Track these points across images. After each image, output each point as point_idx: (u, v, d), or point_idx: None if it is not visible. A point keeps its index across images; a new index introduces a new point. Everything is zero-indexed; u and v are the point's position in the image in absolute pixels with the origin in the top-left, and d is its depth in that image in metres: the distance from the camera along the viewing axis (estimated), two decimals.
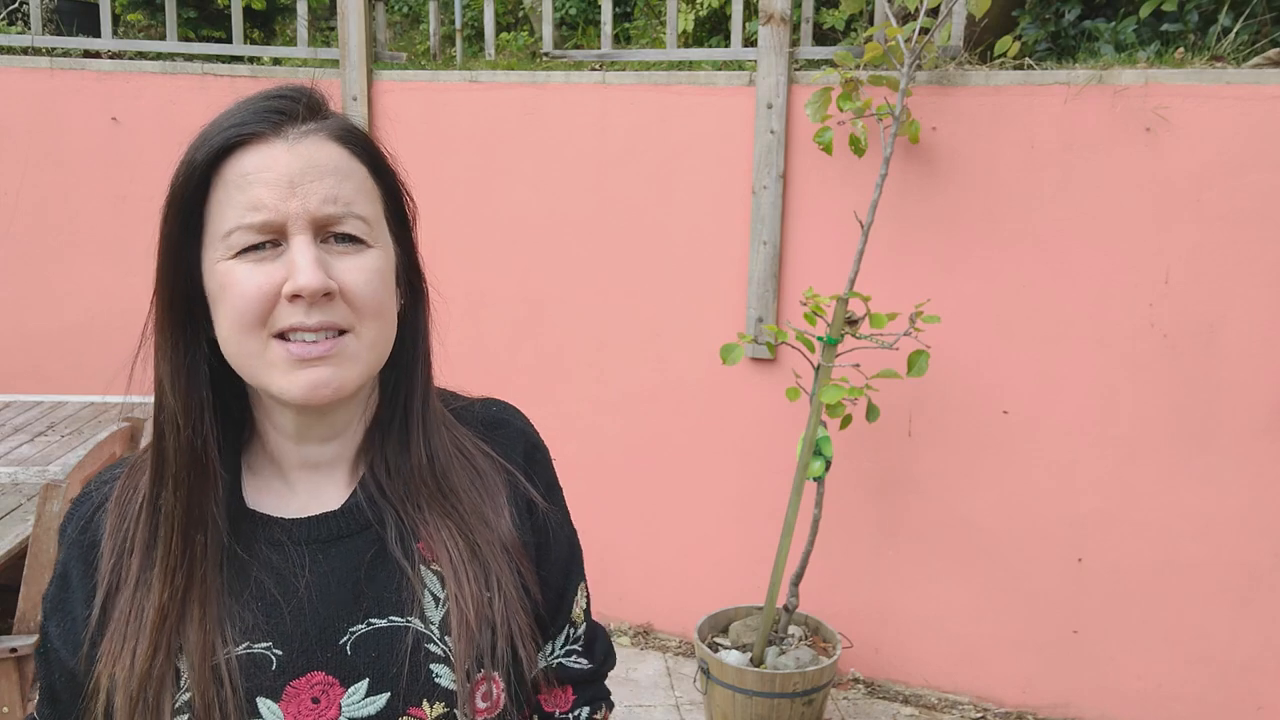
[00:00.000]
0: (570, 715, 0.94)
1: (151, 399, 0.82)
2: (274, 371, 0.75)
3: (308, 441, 0.83)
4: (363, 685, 0.78)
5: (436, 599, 0.82)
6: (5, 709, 2.11)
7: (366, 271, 0.76)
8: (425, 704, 0.79)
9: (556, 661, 0.93)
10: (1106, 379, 2.75)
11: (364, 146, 0.79)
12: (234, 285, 0.74)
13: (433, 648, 0.80)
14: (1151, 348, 2.70)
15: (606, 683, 1.00)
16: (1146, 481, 2.75)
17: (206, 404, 0.79)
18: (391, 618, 0.80)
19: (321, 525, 0.82)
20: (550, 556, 0.91)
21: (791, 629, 2.92)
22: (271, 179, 0.73)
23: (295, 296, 0.73)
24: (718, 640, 2.94)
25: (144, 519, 0.79)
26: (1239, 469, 2.66)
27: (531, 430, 0.95)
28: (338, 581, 0.80)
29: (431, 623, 0.81)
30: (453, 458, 0.86)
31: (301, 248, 0.73)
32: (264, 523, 0.82)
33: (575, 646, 0.95)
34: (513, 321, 3.37)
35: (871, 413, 2.75)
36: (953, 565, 2.98)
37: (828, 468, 2.76)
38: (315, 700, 0.77)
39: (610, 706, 0.99)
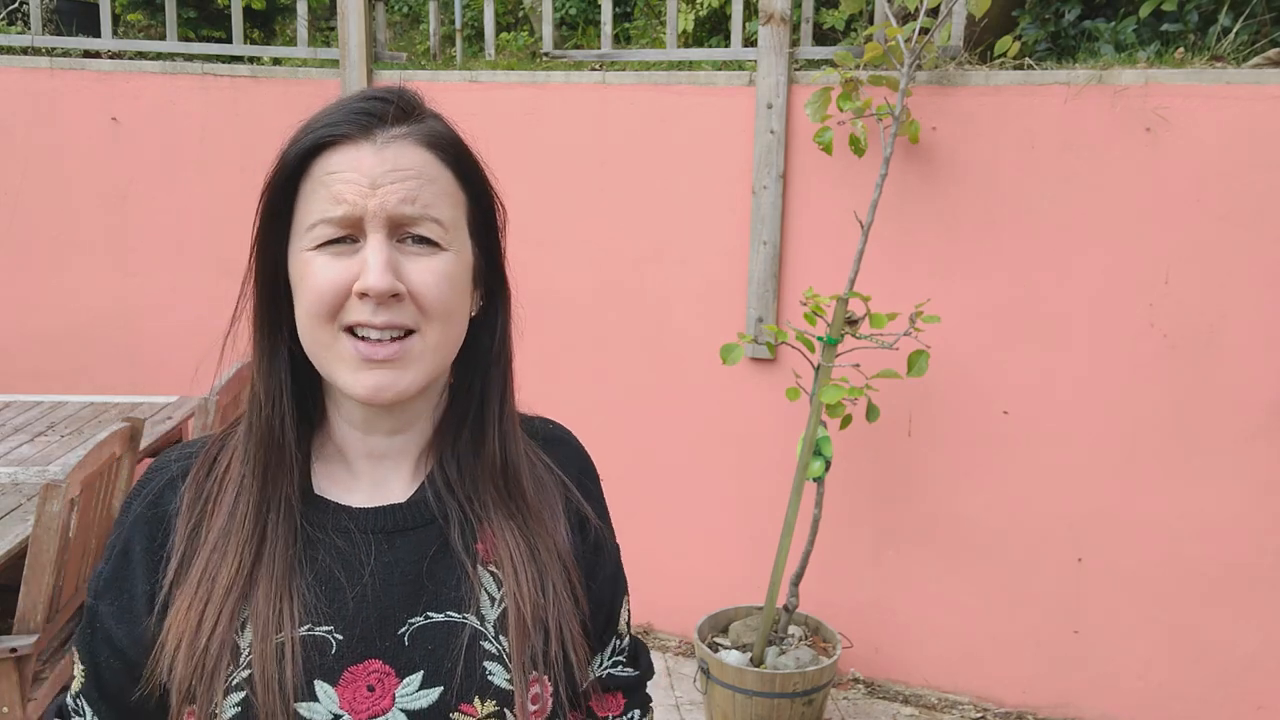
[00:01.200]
0: (625, 718, 0.98)
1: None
2: (342, 366, 0.78)
3: (374, 433, 0.85)
4: (417, 678, 0.79)
5: (493, 598, 0.83)
6: (5, 709, 2.11)
7: (436, 274, 0.78)
8: (477, 701, 0.80)
9: (606, 672, 0.97)
10: (1106, 379, 2.75)
11: (451, 152, 0.81)
12: (311, 276, 0.77)
13: (488, 645, 0.81)
14: (1151, 348, 2.70)
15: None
16: (1146, 481, 2.75)
17: (285, 387, 0.82)
18: (449, 613, 0.82)
19: (388, 516, 0.84)
20: (601, 573, 0.94)
21: (791, 629, 2.92)
22: (355, 177, 0.76)
23: (364, 295, 0.75)
24: (718, 640, 2.94)
25: (229, 486, 0.82)
26: (1239, 469, 2.66)
27: (585, 452, 0.99)
28: (400, 573, 0.82)
29: (487, 621, 0.82)
30: (521, 455, 0.89)
31: (375, 246, 0.76)
32: (332, 509, 0.83)
33: (621, 657, 0.98)
34: (512, 321, 3.37)
35: (871, 413, 2.75)
36: (953, 565, 2.98)
37: (828, 468, 2.76)
38: (370, 688, 0.78)
39: (651, 711, 1.04)
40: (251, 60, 3.83)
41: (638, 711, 1.00)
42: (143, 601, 0.80)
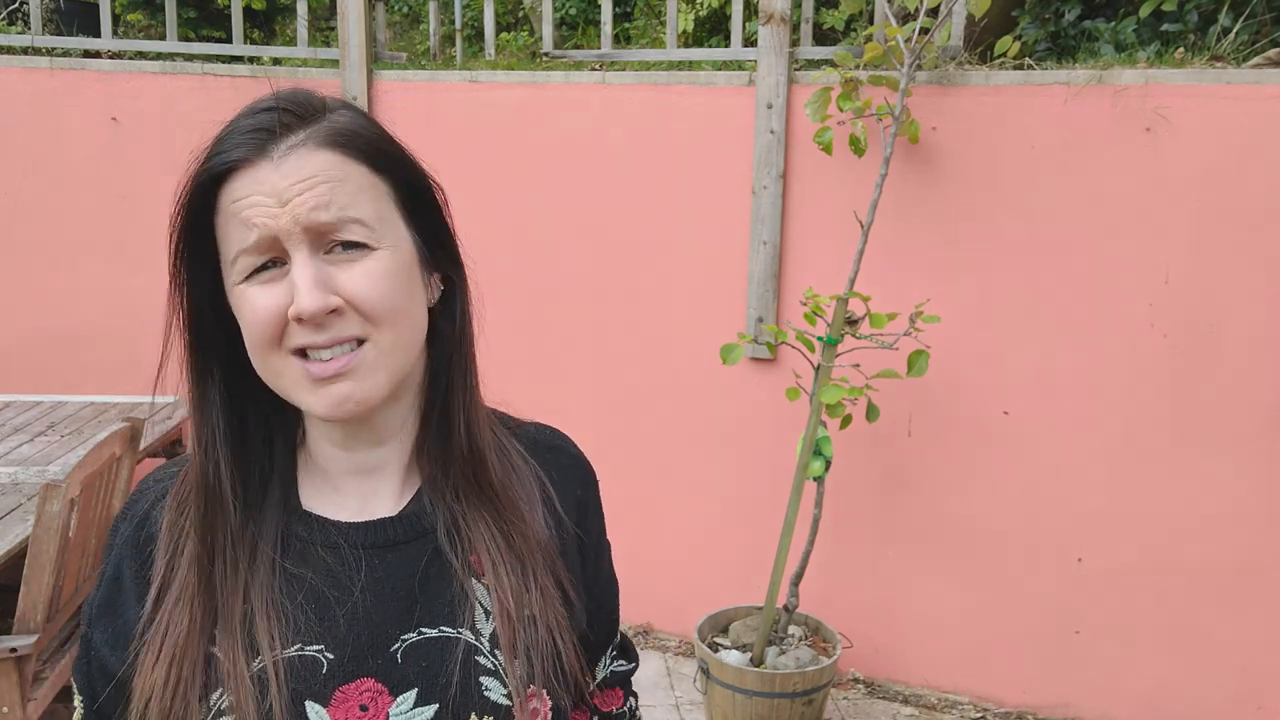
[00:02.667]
0: (624, 710, 1.00)
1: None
2: (298, 389, 0.75)
3: (357, 448, 0.82)
4: (411, 695, 0.77)
5: (487, 612, 0.81)
6: (5, 709, 2.11)
7: (371, 277, 0.74)
8: (474, 717, 0.78)
9: (610, 670, 0.98)
10: (1106, 379, 2.75)
11: (358, 145, 0.76)
12: (246, 310, 0.74)
13: (483, 660, 0.80)
14: (1151, 348, 2.70)
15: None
16: (1146, 481, 2.75)
17: (218, 433, 0.79)
18: (443, 628, 0.80)
19: (378, 530, 0.82)
20: (602, 578, 0.94)
21: (791, 629, 2.92)
22: (260, 200, 0.72)
23: (299, 319, 0.72)
24: (718, 640, 2.94)
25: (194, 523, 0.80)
26: (1239, 469, 2.66)
27: (584, 458, 0.96)
28: (392, 588, 0.80)
29: (482, 635, 0.80)
30: (489, 441, 0.86)
31: (300, 266, 0.72)
32: (320, 525, 0.81)
33: (616, 653, 1.00)
34: (513, 321, 3.37)
35: (871, 413, 2.75)
36: (953, 565, 2.98)
37: (828, 468, 2.76)
38: (364, 708, 0.76)
39: (635, 694, 1.06)
40: (251, 60, 3.83)
41: (633, 699, 1.02)
42: (134, 626, 0.78)
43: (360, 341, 0.74)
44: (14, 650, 2.08)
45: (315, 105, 0.77)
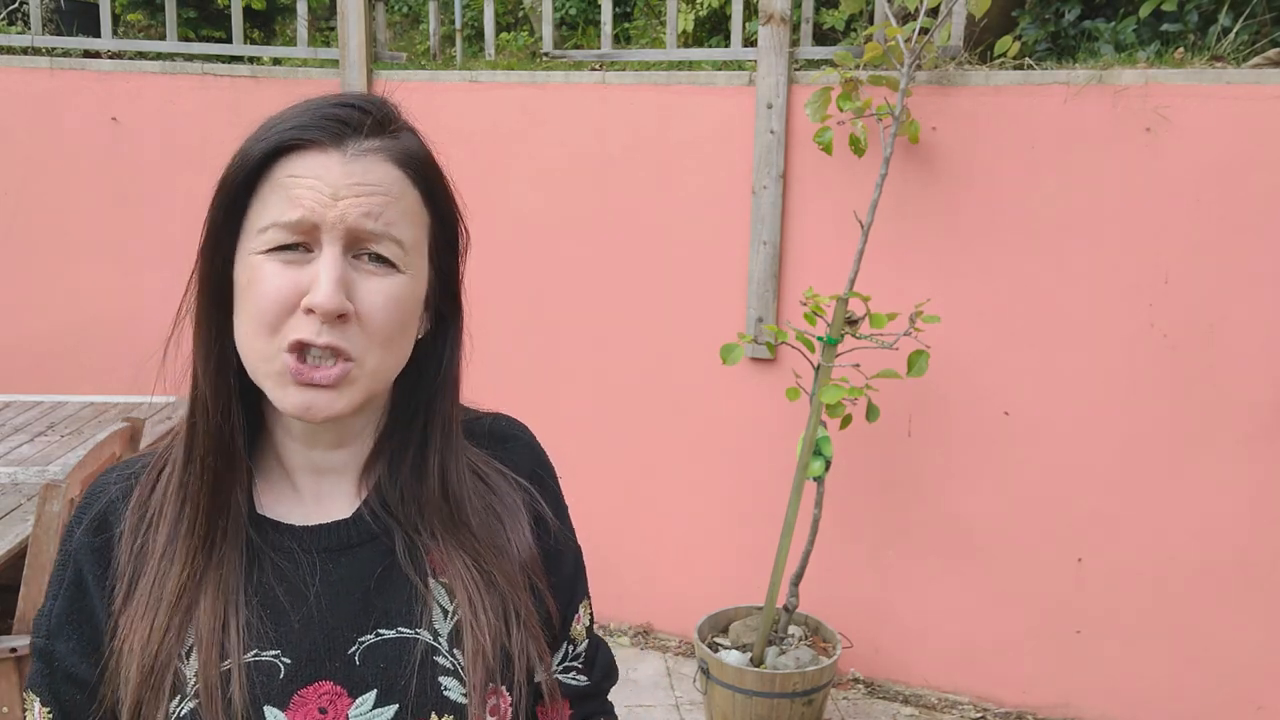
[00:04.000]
0: None
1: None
2: (276, 380, 0.74)
3: (316, 446, 0.82)
4: (370, 696, 0.77)
5: (445, 611, 0.81)
6: (5, 709, 2.11)
7: (386, 297, 0.75)
8: (434, 716, 0.78)
9: (555, 678, 0.93)
10: (1106, 379, 2.75)
11: (422, 172, 0.78)
12: (259, 282, 0.73)
13: (441, 660, 0.80)
14: (1151, 348, 2.70)
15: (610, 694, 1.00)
16: (1146, 481, 2.75)
17: (235, 392, 0.78)
18: (400, 629, 0.80)
19: (332, 533, 0.81)
20: (557, 576, 0.91)
21: (791, 629, 2.92)
22: (317, 184, 0.73)
23: (310, 310, 0.72)
24: (718, 640, 2.94)
25: (171, 497, 0.79)
26: (1239, 469, 2.66)
27: (540, 447, 0.95)
28: (347, 591, 0.80)
29: (440, 635, 0.80)
30: (465, 483, 0.85)
31: (329, 261, 0.72)
32: (274, 528, 0.81)
33: (575, 664, 0.95)
34: (513, 321, 3.37)
35: (871, 413, 2.75)
36: (953, 565, 2.98)
37: (828, 468, 2.76)
38: (322, 710, 0.76)
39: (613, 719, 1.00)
40: (251, 60, 3.83)
41: None
42: (102, 631, 0.78)
43: (348, 359, 0.74)
44: (14, 650, 2.08)
45: (395, 119, 0.79)
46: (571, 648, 0.94)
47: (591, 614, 0.98)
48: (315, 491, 0.83)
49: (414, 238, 0.77)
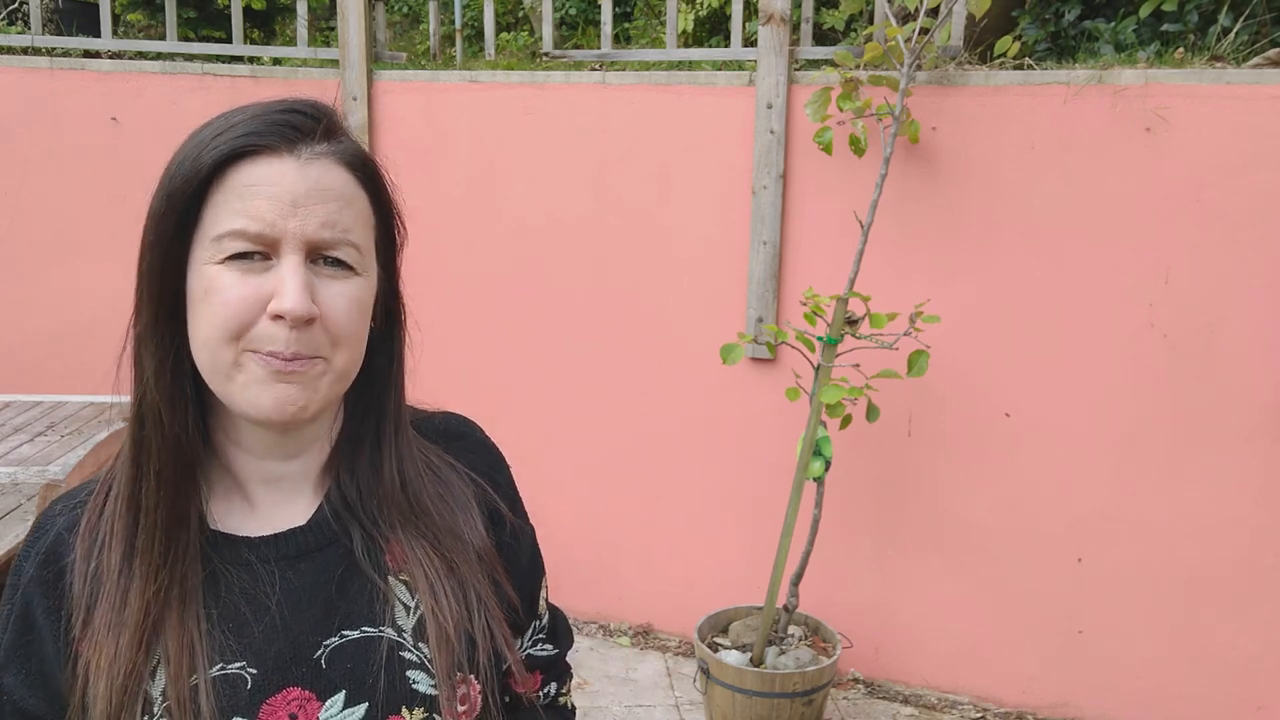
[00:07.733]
0: (540, 694, 0.99)
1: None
2: (243, 385, 0.74)
3: (270, 458, 0.82)
4: (340, 697, 0.78)
5: (407, 607, 0.82)
6: None
7: (349, 299, 0.76)
8: (404, 710, 0.79)
9: (526, 653, 0.97)
10: (1106, 379, 2.75)
11: (370, 175, 0.80)
12: (219, 291, 0.73)
13: (407, 655, 0.81)
14: (1151, 348, 2.70)
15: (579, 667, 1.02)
16: (1146, 481, 2.75)
17: (191, 400, 0.77)
18: (364, 628, 0.80)
19: (288, 541, 0.82)
20: (520, 565, 0.93)
21: (791, 629, 2.92)
22: (276, 194, 0.73)
23: (278, 316, 0.72)
24: (718, 640, 2.94)
25: (122, 516, 0.77)
26: (1239, 469, 2.66)
27: (490, 442, 0.97)
28: (308, 596, 0.80)
29: (404, 630, 0.81)
30: (423, 477, 0.87)
31: (292, 268, 0.73)
32: (229, 542, 0.80)
33: (541, 636, 0.99)
34: (512, 321, 3.37)
35: (871, 413, 2.75)
36: (953, 565, 2.98)
37: (827, 468, 2.76)
38: (293, 716, 0.77)
39: (570, 676, 1.05)
40: (251, 60, 3.83)
41: (554, 685, 1.01)
42: (55, 664, 0.77)
43: (314, 358, 0.75)
44: None
45: (340, 125, 0.80)
46: (538, 623, 0.98)
47: (547, 587, 1.00)
48: (269, 501, 0.83)
49: (366, 240, 0.79)
